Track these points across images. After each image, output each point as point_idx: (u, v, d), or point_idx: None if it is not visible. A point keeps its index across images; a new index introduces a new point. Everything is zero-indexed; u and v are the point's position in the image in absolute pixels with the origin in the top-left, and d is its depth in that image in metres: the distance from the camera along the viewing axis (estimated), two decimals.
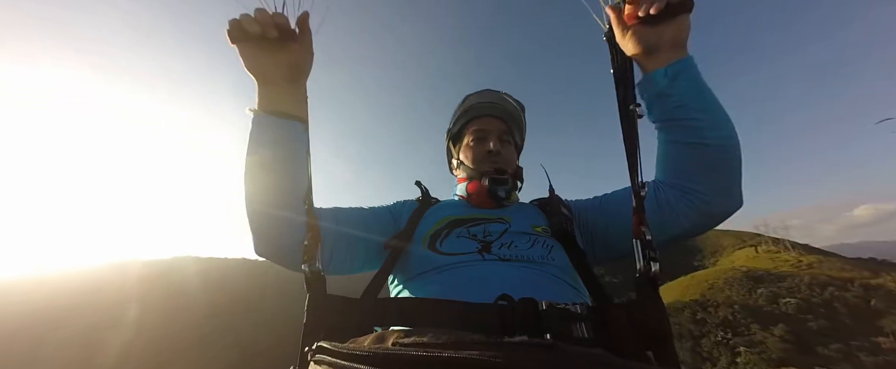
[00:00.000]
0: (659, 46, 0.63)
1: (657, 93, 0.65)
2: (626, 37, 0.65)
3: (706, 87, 0.65)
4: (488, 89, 0.93)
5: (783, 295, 37.39)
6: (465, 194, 0.84)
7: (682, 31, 0.63)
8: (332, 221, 0.71)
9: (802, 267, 47.27)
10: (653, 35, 0.63)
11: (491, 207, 0.81)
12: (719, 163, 0.65)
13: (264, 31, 0.60)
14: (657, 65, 0.64)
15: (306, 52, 0.67)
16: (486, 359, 0.32)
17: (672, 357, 0.49)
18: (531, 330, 0.46)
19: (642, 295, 0.54)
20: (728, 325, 33.32)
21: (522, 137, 0.96)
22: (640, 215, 0.59)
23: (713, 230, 0.76)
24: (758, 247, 64.99)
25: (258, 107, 0.65)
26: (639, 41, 0.64)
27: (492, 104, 0.89)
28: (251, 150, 0.64)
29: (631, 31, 0.64)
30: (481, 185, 0.80)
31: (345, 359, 0.38)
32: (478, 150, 0.85)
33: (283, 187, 0.64)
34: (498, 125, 0.87)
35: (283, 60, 0.64)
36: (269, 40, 0.62)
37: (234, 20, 0.61)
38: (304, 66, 0.67)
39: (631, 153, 0.62)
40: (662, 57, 0.64)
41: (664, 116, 0.66)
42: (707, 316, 35.25)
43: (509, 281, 0.60)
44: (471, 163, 0.85)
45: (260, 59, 0.63)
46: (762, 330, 31.48)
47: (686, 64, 0.64)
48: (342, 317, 0.55)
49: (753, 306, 36.22)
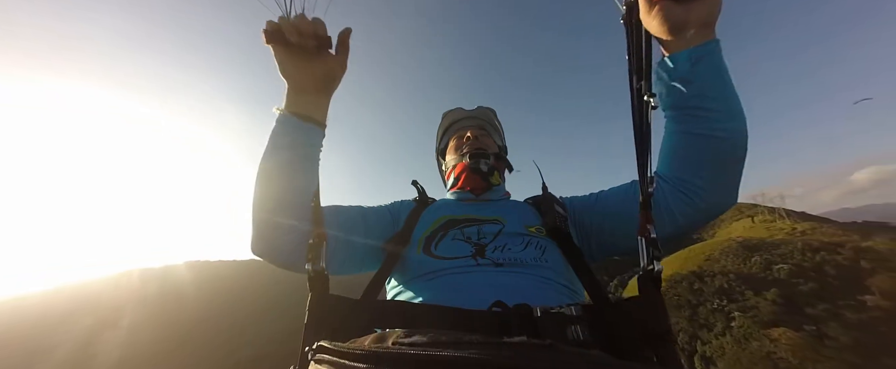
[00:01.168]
0: (686, 25, 0.58)
1: (677, 79, 0.60)
2: (651, 13, 0.58)
3: (727, 74, 0.60)
4: (460, 107, 1.01)
5: (776, 262, 39.01)
6: (454, 179, 0.89)
7: (713, 9, 0.57)
8: (332, 220, 0.71)
9: (796, 234, 48.81)
10: (682, 12, 0.57)
11: (481, 189, 0.85)
12: (728, 157, 0.61)
13: (302, 41, 0.60)
14: (681, 46, 0.59)
15: (340, 66, 0.67)
16: (487, 359, 0.32)
17: (673, 356, 0.48)
18: (528, 334, 0.43)
19: (644, 293, 0.53)
20: (723, 293, 35.06)
21: (502, 138, 1.01)
22: (647, 212, 0.57)
23: None
24: (754, 217, 66.47)
25: (285, 108, 0.66)
26: (666, 18, 0.57)
27: (469, 116, 0.98)
28: (271, 148, 0.65)
29: (657, 7, 0.58)
30: (464, 164, 0.85)
31: (345, 359, 0.38)
32: (457, 143, 0.93)
33: (295, 187, 0.65)
34: (475, 125, 0.96)
35: (318, 72, 0.65)
36: (305, 49, 0.62)
37: (273, 22, 0.60)
38: (336, 80, 0.68)
39: (641, 148, 0.58)
40: (689, 37, 0.58)
41: (680, 103, 0.62)
42: (703, 285, 37.00)
43: (503, 287, 0.59)
44: (453, 153, 0.92)
45: (295, 67, 0.64)
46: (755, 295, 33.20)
47: (711, 47, 0.58)
48: (343, 318, 0.55)
49: (747, 274, 37.92)
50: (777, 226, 56.02)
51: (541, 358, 0.33)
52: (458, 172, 0.88)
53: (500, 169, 0.90)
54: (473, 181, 0.85)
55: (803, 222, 54.87)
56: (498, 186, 0.89)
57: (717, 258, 42.69)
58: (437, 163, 1.04)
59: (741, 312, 30.75)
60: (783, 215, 62.06)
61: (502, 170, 0.92)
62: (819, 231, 48.03)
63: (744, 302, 31.96)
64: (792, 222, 56.21)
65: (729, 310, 31.37)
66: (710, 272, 38.62)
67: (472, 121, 0.97)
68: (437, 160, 1.04)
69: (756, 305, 31.41)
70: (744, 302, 31.96)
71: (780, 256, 40.27)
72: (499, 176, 0.89)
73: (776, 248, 42.83)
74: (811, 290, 32.90)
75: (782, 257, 39.65)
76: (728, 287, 34.83)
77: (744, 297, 32.68)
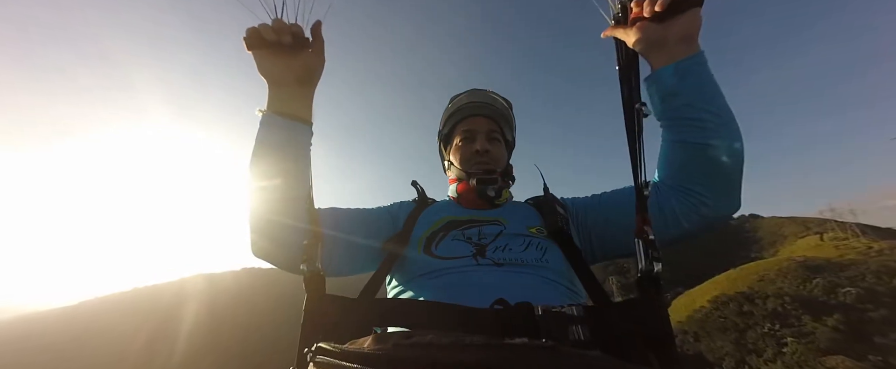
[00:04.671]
0: (665, 41, 0.61)
1: (664, 92, 0.64)
2: (630, 32, 0.62)
3: (716, 85, 0.62)
4: (475, 89, 0.95)
5: (843, 285, 35.46)
6: (456, 195, 0.86)
7: (692, 25, 0.60)
8: (331, 222, 0.71)
9: (871, 254, 43.72)
10: (658, 30, 0.60)
11: (483, 208, 0.82)
12: (723, 166, 0.63)
13: (279, 37, 0.62)
14: (665, 60, 0.62)
15: (318, 57, 0.69)
16: (487, 361, 0.31)
17: (673, 358, 0.48)
18: (529, 334, 0.45)
19: (644, 295, 0.53)
20: (777, 317, 32.55)
21: (513, 134, 0.96)
22: (643, 214, 0.58)
23: (773, 218, 1.34)
24: (823, 234, 60.01)
25: (268, 108, 0.67)
26: (643, 36, 0.61)
27: (480, 104, 0.90)
28: (258, 150, 0.66)
29: (635, 26, 0.61)
30: (469, 186, 0.82)
31: (344, 360, 0.38)
32: (466, 150, 0.87)
33: (287, 187, 0.65)
34: (486, 124, 0.89)
35: (295, 64, 0.67)
36: (283, 46, 0.64)
37: (251, 28, 0.63)
38: (315, 71, 0.69)
39: (634, 152, 0.60)
40: (671, 52, 0.61)
41: (671, 114, 0.64)
42: (754, 308, 34.53)
43: (504, 286, 0.59)
44: (459, 163, 0.87)
45: (273, 64, 0.66)
46: (814, 320, 30.55)
47: (695, 60, 0.61)
48: (341, 318, 0.54)
49: (807, 297, 34.82)
50: (849, 244, 50.29)
51: (541, 359, 0.33)
52: (461, 190, 0.85)
53: (506, 186, 0.87)
54: (477, 204, 0.83)
55: (882, 241, 48.85)
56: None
57: (773, 278, 39.45)
58: (439, 146, 0.99)
59: (795, 338, 28.47)
60: (856, 232, 55.46)
61: (508, 186, 0.89)
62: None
63: (799, 328, 29.41)
64: (868, 240, 50.19)
65: (781, 335, 29.04)
66: (763, 294, 35.56)
67: (484, 109, 0.90)
68: (439, 144, 0.98)
69: (813, 331, 28.91)
70: (799, 328, 29.41)
71: (849, 279, 36.23)
72: (506, 193, 0.87)
73: (844, 270, 38.60)
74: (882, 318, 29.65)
75: (851, 280, 35.70)
76: (782, 310, 32.07)
77: (800, 322, 30.01)
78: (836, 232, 59.92)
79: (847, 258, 42.65)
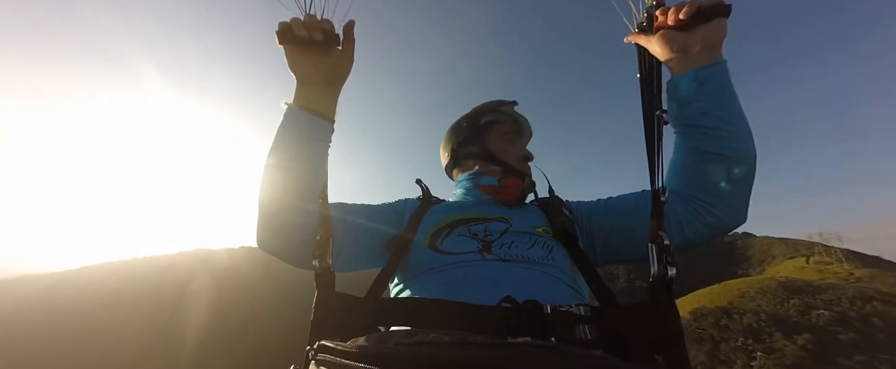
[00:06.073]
0: (688, 49, 0.61)
1: (683, 99, 0.64)
2: (653, 39, 0.63)
3: (734, 95, 0.62)
4: (511, 103, 0.93)
5: (817, 307, 37.14)
6: (498, 185, 0.83)
7: (717, 34, 0.60)
8: (340, 217, 0.72)
9: (851, 280, 45.28)
10: (683, 38, 0.61)
11: (511, 203, 0.83)
12: (734, 176, 0.62)
13: (311, 34, 0.63)
14: (686, 67, 0.62)
15: (347, 58, 0.70)
16: (489, 360, 0.31)
17: (683, 362, 0.47)
18: (536, 332, 0.45)
19: (656, 298, 0.52)
20: (751, 332, 34.29)
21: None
22: (659, 219, 0.58)
23: (764, 237, 1.50)
24: (809, 258, 61.60)
25: (293, 102, 0.68)
26: (666, 43, 0.61)
27: (522, 121, 0.94)
28: (278, 141, 0.66)
29: (659, 34, 0.62)
30: (518, 182, 0.82)
31: (346, 358, 0.38)
32: (518, 147, 0.89)
33: (303, 182, 0.66)
34: (527, 137, 0.95)
35: (325, 63, 0.67)
36: (314, 43, 0.64)
37: (284, 23, 0.64)
38: (343, 72, 0.70)
39: (653, 159, 0.60)
40: (693, 58, 0.61)
41: (686, 121, 0.64)
42: (730, 322, 36.19)
43: (511, 282, 0.59)
44: (509, 158, 0.87)
45: (303, 60, 0.67)
46: (785, 338, 32.24)
47: (717, 68, 0.61)
48: (347, 316, 0.55)
49: (782, 316, 36.48)
50: (832, 269, 51.84)
51: (543, 359, 0.33)
52: (508, 184, 0.83)
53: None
54: (514, 200, 0.84)
55: (864, 268, 50.40)
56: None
57: (753, 296, 41.04)
58: (460, 127, 0.94)
59: (765, 353, 30.13)
60: (841, 258, 57.03)
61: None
62: (879, 279, 44.07)
63: (770, 344, 30.99)
64: (851, 266, 51.73)
65: (752, 350, 30.69)
66: (741, 309, 37.08)
67: (524, 128, 0.94)
68: (462, 124, 0.94)
69: (782, 348, 30.59)
70: (770, 344, 30.99)
71: (824, 302, 37.74)
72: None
73: (822, 293, 40.08)
74: (850, 341, 31.32)
75: (826, 303, 37.17)
76: (757, 326, 33.55)
77: (772, 339, 31.56)
78: (822, 255, 61.52)
79: (827, 281, 44.11)
